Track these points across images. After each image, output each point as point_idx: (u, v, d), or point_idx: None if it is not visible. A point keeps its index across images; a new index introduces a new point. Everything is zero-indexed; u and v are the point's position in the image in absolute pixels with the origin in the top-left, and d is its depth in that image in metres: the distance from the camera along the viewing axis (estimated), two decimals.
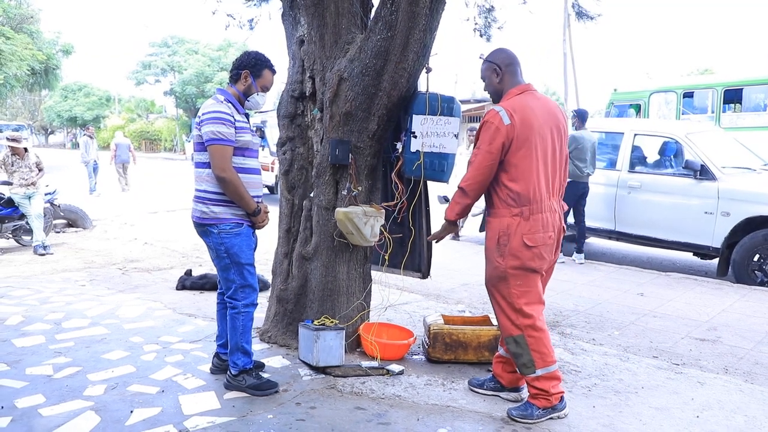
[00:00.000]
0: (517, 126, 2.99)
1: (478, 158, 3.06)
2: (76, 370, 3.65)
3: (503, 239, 3.09)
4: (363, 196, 3.83)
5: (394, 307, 4.89)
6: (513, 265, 3.07)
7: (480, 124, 3.11)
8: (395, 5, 3.42)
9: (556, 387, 3.10)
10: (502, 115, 3.01)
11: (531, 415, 3.09)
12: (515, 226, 3.05)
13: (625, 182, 7.34)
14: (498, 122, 3.00)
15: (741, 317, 5.17)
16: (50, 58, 25.74)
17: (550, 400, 3.09)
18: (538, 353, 3.07)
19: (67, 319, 4.70)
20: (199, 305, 5.22)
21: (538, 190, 3.04)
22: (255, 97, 3.42)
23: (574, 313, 5.27)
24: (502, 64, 3.21)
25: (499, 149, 3.00)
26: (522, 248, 3.04)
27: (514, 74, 3.21)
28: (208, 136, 3.18)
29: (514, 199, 3.05)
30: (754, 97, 10.95)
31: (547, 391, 3.08)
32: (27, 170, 7.87)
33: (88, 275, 6.45)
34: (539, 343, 3.07)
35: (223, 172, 3.19)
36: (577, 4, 5.40)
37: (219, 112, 3.20)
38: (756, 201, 6.29)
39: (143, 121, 48.95)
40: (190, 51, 39.87)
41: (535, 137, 3.02)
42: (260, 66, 3.39)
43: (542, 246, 3.06)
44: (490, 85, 3.27)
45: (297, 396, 3.33)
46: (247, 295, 3.38)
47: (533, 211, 3.05)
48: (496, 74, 3.22)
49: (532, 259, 3.06)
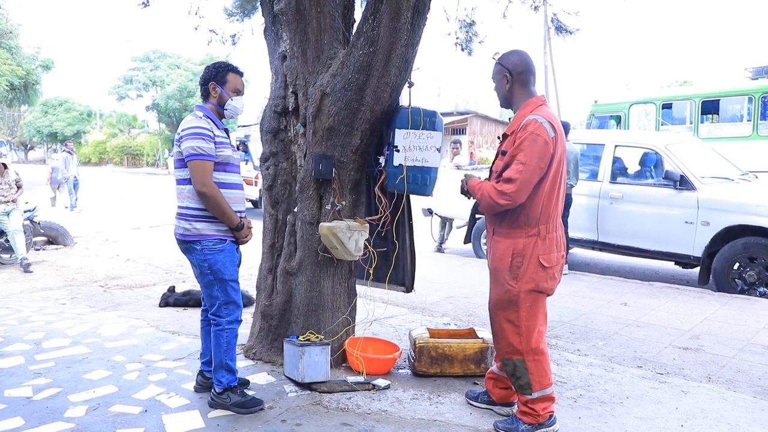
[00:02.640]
0: (558, 141, 2.86)
1: (525, 175, 2.80)
2: (56, 391, 3.59)
3: (517, 260, 2.93)
4: (347, 210, 3.83)
5: (380, 321, 4.87)
6: (528, 289, 2.94)
7: (522, 135, 2.85)
8: (377, 21, 3.45)
9: (547, 408, 3.07)
10: (546, 127, 2.82)
11: (516, 429, 3.07)
12: (531, 247, 2.91)
13: (607, 193, 7.41)
14: (546, 135, 2.81)
15: (723, 325, 5.23)
16: (30, 73, 25.51)
17: (537, 419, 3.07)
18: (537, 376, 3.01)
19: (48, 338, 4.62)
20: (182, 322, 5.16)
21: (555, 210, 2.95)
22: (231, 102, 3.40)
23: (559, 323, 5.29)
24: (514, 71, 3.01)
25: (547, 164, 2.82)
26: (538, 269, 2.93)
27: (526, 84, 3.03)
28: (188, 152, 3.17)
29: (534, 218, 2.90)
30: (730, 108, 11.15)
31: (537, 412, 3.06)
32: (6, 187, 7.78)
33: (69, 293, 6.36)
34: (539, 366, 3.02)
35: (203, 187, 3.17)
36: (557, 19, 5.48)
37: (198, 128, 3.20)
38: (734, 210, 6.39)
39: (125, 136, 48.59)
40: (172, 65, 39.72)
41: (564, 155, 2.94)
42: (222, 72, 3.38)
43: (556, 266, 2.98)
44: (500, 89, 3.10)
45: (282, 413, 3.30)
46: (231, 312, 3.36)
47: (549, 230, 2.94)
48: (506, 80, 3.04)
49: (546, 280, 2.96)
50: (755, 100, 10.13)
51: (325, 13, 3.72)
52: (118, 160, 46.72)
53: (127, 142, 47.09)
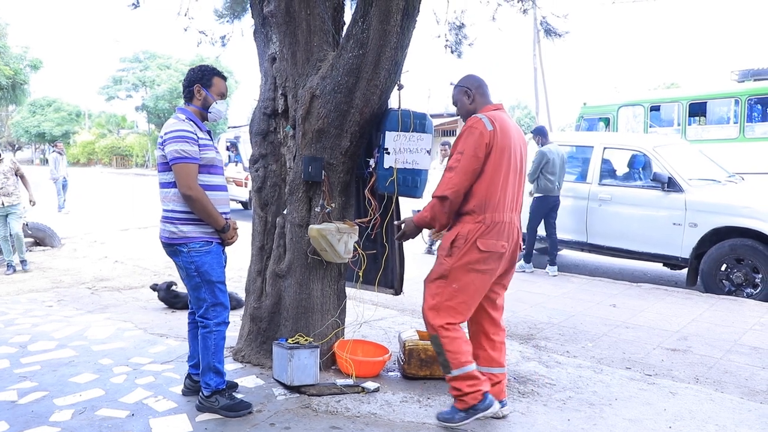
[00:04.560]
0: (498, 133, 3.10)
1: (463, 163, 3.11)
2: (42, 394, 3.55)
3: (459, 241, 3.16)
4: (336, 212, 3.82)
5: (369, 324, 4.87)
6: (458, 265, 3.14)
7: (463, 131, 3.18)
8: (366, 23, 3.44)
9: (472, 386, 3.15)
10: (485, 121, 3.11)
11: (452, 418, 3.18)
12: (474, 232, 3.13)
13: (596, 195, 7.45)
14: (482, 128, 3.09)
15: (710, 326, 5.26)
16: (18, 73, 25.24)
17: (466, 401, 3.15)
18: (453, 353, 3.14)
19: (33, 341, 4.57)
20: (170, 324, 5.13)
21: (502, 200, 3.14)
22: (215, 106, 3.39)
23: (548, 325, 5.31)
24: (472, 86, 3.37)
25: (484, 153, 3.08)
26: (473, 250, 3.12)
27: (484, 95, 3.37)
28: (172, 155, 3.15)
29: (480, 206, 3.13)
30: (717, 110, 11.23)
31: (462, 390, 3.14)
32: (4, 178, 7.33)
33: (55, 295, 6.31)
34: (453, 343, 3.14)
35: (189, 190, 3.16)
36: (546, 21, 5.50)
37: (181, 131, 3.18)
38: (722, 212, 6.44)
39: (114, 137, 48.27)
40: (161, 66, 39.52)
41: (510, 149, 3.15)
42: (208, 75, 3.38)
43: (492, 253, 3.14)
44: (463, 107, 3.40)
45: (271, 416, 3.29)
46: (219, 314, 3.34)
47: (495, 219, 3.14)
48: (467, 96, 3.38)
49: (478, 262, 3.13)
50: (742, 103, 10.22)
51: (315, 15, 3.71)
52: (107, 160, 46.41)
53: (116, 143, 46.80)
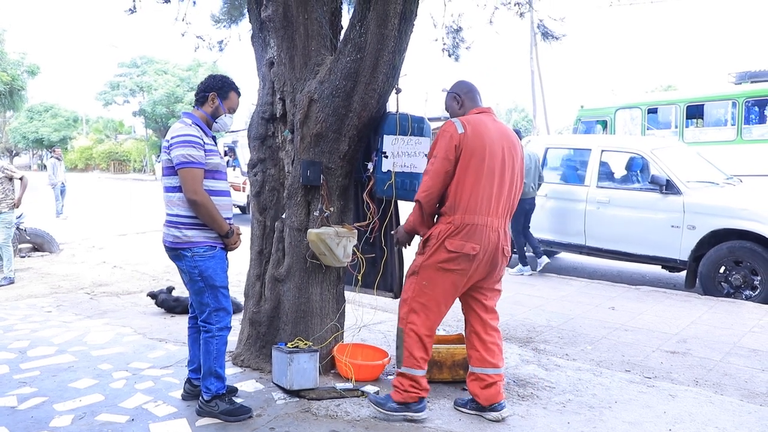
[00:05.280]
0: (468, 136, 3.15)
1: (435, 166, 3.18)
2: (41, 400, 3.55)
3: (431, 241, 3.23)
4: (335, 216, 3.83)
5: (369, 327, 4.87)
6: (427, 263, 3.22)
7: (437, 135, 3.24)
8: (364, 27, 3.46)
9: (413, 388, 3.25)
10: (456, 124, 3.19)
11: (384, 405, 3.31)
12: (445, 232, 3.19)
13: (594, 197, 7.46)
14: (452, 131, 3.17)
15: (709, 329, 5.27)
16: (15, 79, 25.29)
17: (404, 396, 3.26)
18: (408, 352, 3.26)
19: (33, 347, 4.57)
20: (170, 329, 5.13)
21: (476, 203, 3.16)
22: (223, 118, 3.42)
23: (547, 328, 5.31)
24: (461, 92, 3.44)
25: (454, 156, 3.15)
26: (441, 250, 3.19)
27: (473, 100, 3.44)
28: (178, 160, 3.16)
29: (450, 207, 3.18)
30: (715, 113, 11.26)
31: (402, 386, 3.27)
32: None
33: (54, 301, 6.29)
34: (412, 345, 3.25)
35: (195, 195, 3.16)
36: (543, 25, 5.52)
37: (188, 135, 3.19)
38: (720, 214, 6.45)
39: (112, 142, 48.27)
40: (159, 71, 39.51)
41: (484, 151, 3.17)
42: (227, 88, 3.41)
43: (461, 255, 3.16)
44: (453, 113, 3.45)
45: (271, 420, 3.29)
46: (221, 319, 3.34)
47: (465, 220, 3.16)
48: (457, 102, 3.44)
49: (446, 261, 3.18)
50: (739, 105, 10.25)
51: (313, 19, 3.73)
52: (105, 166, 46.41)
53: (114, 148, 46.81)
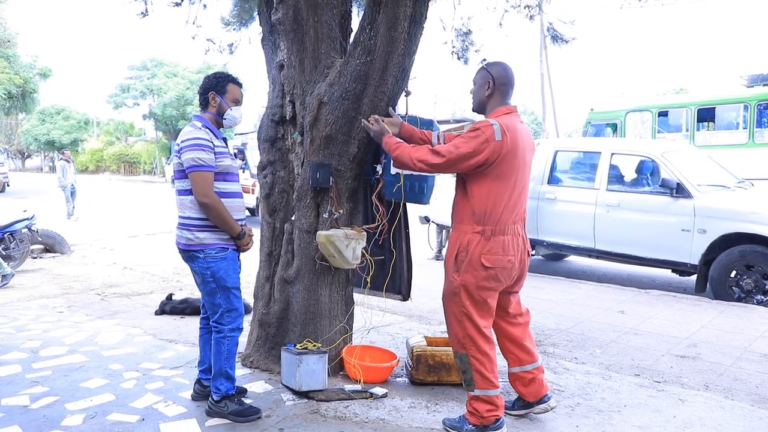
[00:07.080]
0: (507, 145, 2.97)
1: (452, 156, 2.99)
2: (53, 399, 3.58)
3: (462, 255, 3.08)
4: (344, 218, 3.84)
5: (377, 329, 4.87)
6: (466, 283, 3.07)
7: (471, 129, 3.04)
8: (374, 30, 3.47)
9: (491, 412, 3.10)
10: (495, 129, 2.97)
11: (461, 428, 3.15)
12: (475, 244, 3.04)
13: (604, 201, 7.42)
14: (490, 135, 2.96)
15: (720, 333, 5.24)
16: (27, 81, 25.46)
17: (482, 420, 3.11)
18: (479, 374, 3.09)
19: (45, 347, 4.61)
20: (180, 330, 5.16)
21: (504, 212, 3.04)
22: (230, 112, 3.42)
23: (556, 332, 5.30)
24: (498, 80, 3.16)
25: (478, 162, 2.97)
26: (479, 268, 3.04)
27: (504, 95, 3.19)
28: (188, 164, 3.18)
29: (479, 216, 3.04)
30: (726, 116, 11.20)
31: (479, 412, 3.10)
32: None
33: (66, 301, 6.35)
34: (482, 366, 3.09)
35: (205, 197, 3.19)
36: (552, 28, 5.52)
37: (198, 139, 3.21)
38: (731, 218, 6.41)
39: (122, 144, 48.56)
40: (169, 74, 39.70)
41: (517, 161, 3.04)
42: (223, 83, 3.41)
43: (500, 269, 3.06)
44: (478, 93, 3.24)
45: (280, 421, 3.30)
46: (233, 320, 3.36)
47: (495, 232, 3.04)
48: (488, 86, 3.18)
49: (487, 279, 3.06)
50: (751, 108, 10.19)
51: (323, 22, 3.74)
52: (115, 168, 46.65)
53: (124, 150, 47.05)
